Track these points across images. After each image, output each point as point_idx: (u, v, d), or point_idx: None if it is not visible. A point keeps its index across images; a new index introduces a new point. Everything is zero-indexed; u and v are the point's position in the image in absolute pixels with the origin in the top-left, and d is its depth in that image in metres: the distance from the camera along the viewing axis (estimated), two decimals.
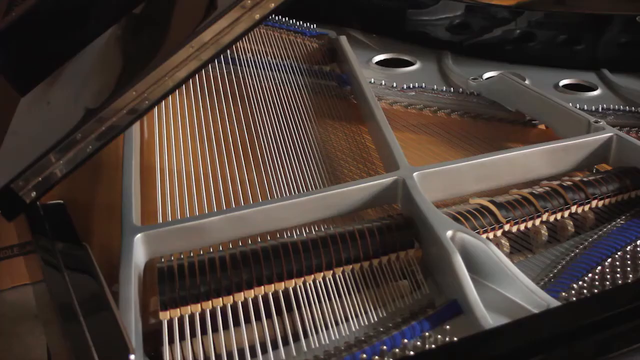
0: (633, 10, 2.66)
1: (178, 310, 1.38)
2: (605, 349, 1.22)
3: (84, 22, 1.75)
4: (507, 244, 1.62)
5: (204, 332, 1.36)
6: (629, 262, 1.52)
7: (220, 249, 1.50)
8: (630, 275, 1.47)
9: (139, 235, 1.47)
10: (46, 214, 1.53)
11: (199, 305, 1.39)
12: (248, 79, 2.29)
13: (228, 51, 2.37)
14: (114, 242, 1.49)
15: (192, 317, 1.38)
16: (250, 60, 2.39)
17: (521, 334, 1.23)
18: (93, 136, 1.43)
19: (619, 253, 1.57)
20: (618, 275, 1.47)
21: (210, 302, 1.40)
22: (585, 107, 2.29)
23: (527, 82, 2.50)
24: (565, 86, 2.60)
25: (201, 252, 1.48)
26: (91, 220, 1.70)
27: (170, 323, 1.37)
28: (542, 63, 2.72)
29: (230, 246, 1.51)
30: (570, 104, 2.15)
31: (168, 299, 1.37)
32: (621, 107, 2.36)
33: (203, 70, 2.19)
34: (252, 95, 2.18)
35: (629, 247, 1.59)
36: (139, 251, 1.47)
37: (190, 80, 2.14)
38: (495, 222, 1.60)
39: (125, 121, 1.44)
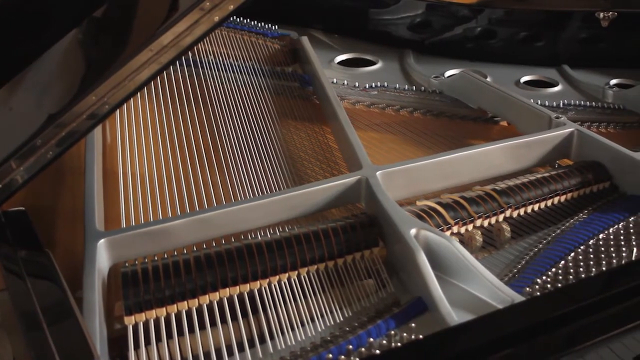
0: (592, 6, 2.68)
1: (143, 314, 1.38)
2: (570, 342, 1.23)
3: (44, 25, 1.73)
4: (480, 239, 1.63)
5: (169, 336, 1.36)
6: (591, 255, 1.54)
7: (185, 252, 1.49)
8: (594, 269, 1.48)
9: (102, 241, 1.46)
10: (8, 221, 1.51)
11: (164, 309, 1.39)
12: (210, 81, 2.28)
13: (190, 54, 2.36)
14: (78, 248, 1.48)
15: (157, 321, 1.38)
16: (213, 63, 2.38)
17: (486, 329, 1.23)
18: (53, 142, 1.41)
19: (582, 247, 1.58)
20: (581, 269, 1.48)
21: (175, 305, 1.40)
22: (547, 103, 2.31)
23: (488, 79, 2.51)
24: (526, 83, 2.62)
25: (165, 256, 1.47)
26: (54, 226, 1.69)
27: (135, 328, 1.36)
28: (503, 60, 2.74)
29: (195, 249, 1.50)
30: (532, 100, 2.17)
31: (132, 304, 1.36)
32: (582, 102, 2.38)
33: (165, 74, 2.19)
34: (214, 97, 2.17)
35: (591, 241, 1.60)
36: (103, 256, 1.45)
37: (153, 84, 2.14)
38: (459, 219, 1.61)
39: (85, 126, 1.43)
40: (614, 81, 2.58)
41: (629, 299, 1.30)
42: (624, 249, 1.55)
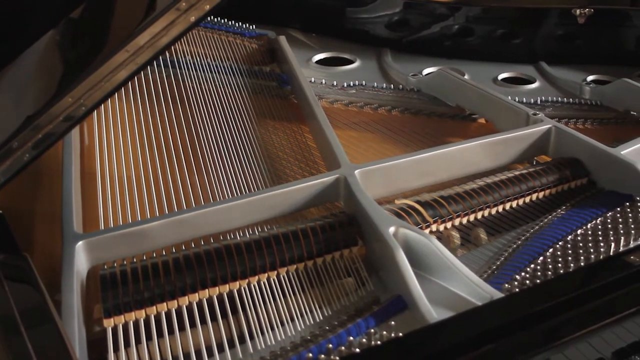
0: (568, 3, 2.69)
1: (122, 317, 1.37)
2: (549, 337, 1.24)
3: (21, 27, 1.72)
4: (458, 234, 1.64)
5: (149, 338, 1.35)
6: (570, 251, 1.54)
7: (164, 253, 1.48)
8: (572, 265, 1.48)
9: (80, 243, 1.45)
10: None
11: (143, 311, 1.38)
12: (188, 81, 2.28)
13: (167, 54, 2.36)
14: (56, 250, 1.47)
15: (137, 324, 1.37)
16: (190, 63, 2.38)
17: (465, 326, 1.24)
18: (30, 144, 1.40)
19: (560, 243, 1.59)
20: (560, 264, 1.48)
21: (154, 307, 1.39)
22: (524, 100, 2.33)
23: (466, 77, 2.53)
24: (504, 80, 2.63)
25: (144, 258, 1.47)
26: (32, 229, 1.68)
27: (115, 330, 1.35)
28: (481, 58, 2.76)
29: (174, 250, 1.50)
30: (509, 98, 2.17)
31: (111, 306, 1.36)
32: (559, 99, 2.40)
33: (143, 74, 2.19)
34: (192, 97, 2.17)
35: (569, 237, 1.61)
36: (81, 259, 1.45)
37: (130, 85, 2.13)
38: (438, 217, 1.62)
39: (62, 128, 1.42)
40: (590, 77, 2.60)
41: (607, 294, 1.31)
42: (602, 244, 1.55)
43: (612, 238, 1.57)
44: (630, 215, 1.66)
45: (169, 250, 1.51)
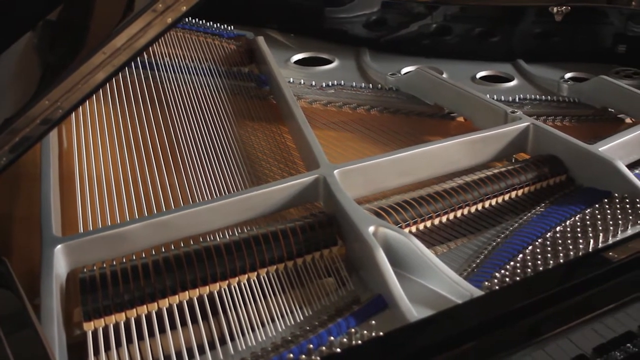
0: (546, 1, 2.70)
1: (102, 320, 1.36)
2: (529, 334, 1.25)
3: None
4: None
5: (129, 340, 1.35)
6: (549, 248, 1.55)
7: (144, 255, 1.48)
8: (551, 262, 1.49)
9: (59, 246, 1.45)
10: None
11: (123, 314, 1.38)
12: (167, 83, 2.27)
13: (146, 56, 2.36)
14: (35, 254, 1.46)
15: (117, 326, 1.37)
16: (169, 65, 2.38)
17: (446, 325, 1.25)
18: (7, 148, 1.39)
19: (539, 240, 1.59)
20: (539, 262, 1.49)
21: (134, 310, 1.39)
22: (503, 98, 2.33)
23: (444, 75, 2.53)
24: (482, 78, 2.64)
25: (124, 260, 1.46)
26: (10, 233, 1.67)
27: (95, 333, 1.35)
28: (459, 56, 2.76)
29: (154, 252, 1.49)
30: (488, 96, 2.18)
31: (91, 310, 1.35)
32: (537, 96, 2.40)
33: (121, 77, 2.18)
34: (171, 99, 2.17)
35: (549, 234, 1.62)
36: (60, 262, 1.44)
37: (109, 87, 2.13)
38: (418, 216, 1.62)
39: (39, 131, 1.41)
40: (568, 75, 2.60)
41: (586, 291, 1.31)
42: (580, 240, 1.56)
43: (591, 235, 1.58)
44: (608, 211, 1.67)
45: (149, 252, 1.50)
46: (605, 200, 1.72)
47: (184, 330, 1.37)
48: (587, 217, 1.67)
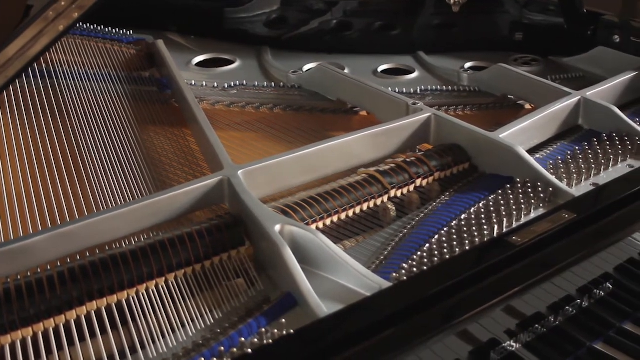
0: None
1: (9, 336, 1.33)
2: (440, 321, 1.27)
3: None
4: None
5: (37, 356, 1.32)
6: (455, 236, 1.56)
7: (48, 268, 1.45)
8: (457, 249, 1.50)
9: None
10: None
11: (30, 328, 1.35)
12: (66, 91, 2.23)
13: (44, 64, 2.32)
14: None
15: (24, 342, 1.33)
16: (68, 73, 2.34)
17: (355, 318, 1.26)
18: None
19: (445, 229, 1.61)
20: (445, 250, 1.50)
21: (41, 324, 1.36)
22: (405, 90, 2.35)
23: (346, 70, 2.54)
24: (384, 72, 2.65)
25: (29, 274, 1.43)
26: None
27: (1, 350, 1.32)
28: (361, 51, 2.78)
29: (59, 264, 1.46)
30: (390, 89, 2.20)
31: None
32: (438, 87, 2.43)
33: (19, 87, 2.14)
34: (71, 107, 2.13)
35: (454, 222, 1.63)
36: None
37: (6, 98, 2.08)
38: (324, 211, 1.62)
39: None
40: (468, 64, 2.64)
41: (493, 275, 1.34)
42: (485, 227, 1.58)
43: (495, 220, 1.60)
44: (511, 197, 1.69)
45: (54, 264, 1.47)
46: (508, 185, 1.75)
47: (94, 341, 1.35)
48: (491, 203, 1.69)
